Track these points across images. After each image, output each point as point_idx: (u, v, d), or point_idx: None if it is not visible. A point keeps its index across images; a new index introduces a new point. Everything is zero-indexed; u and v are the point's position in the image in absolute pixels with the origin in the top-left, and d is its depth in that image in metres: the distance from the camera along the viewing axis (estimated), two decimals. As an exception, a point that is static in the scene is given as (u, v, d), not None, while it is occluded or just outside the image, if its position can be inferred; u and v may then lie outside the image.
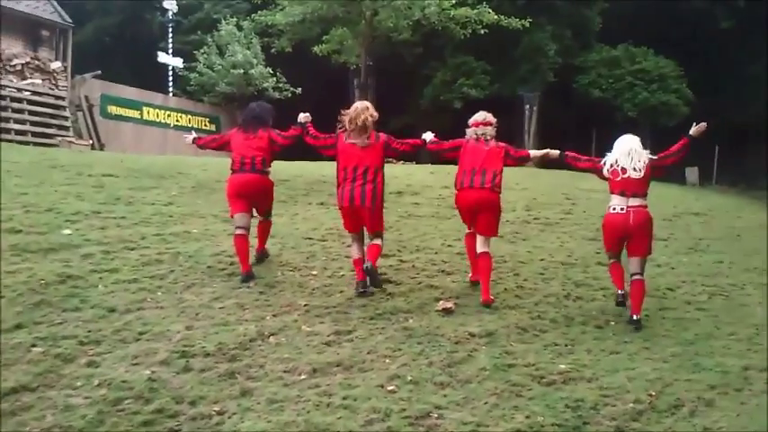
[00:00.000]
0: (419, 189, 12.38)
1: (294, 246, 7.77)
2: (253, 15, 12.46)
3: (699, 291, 7.71)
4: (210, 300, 6.03)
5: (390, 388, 4.75)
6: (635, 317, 6.28)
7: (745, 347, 6.03)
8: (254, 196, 6.94)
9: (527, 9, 11.85)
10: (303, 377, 4.84)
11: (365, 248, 6.59)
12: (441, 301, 6.30)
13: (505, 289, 6.92)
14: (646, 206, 6.50)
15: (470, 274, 6.99)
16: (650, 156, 6.56)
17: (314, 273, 6.93)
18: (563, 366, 5.28)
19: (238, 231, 6.75)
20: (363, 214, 6.48)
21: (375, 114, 6.56)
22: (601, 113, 26.40)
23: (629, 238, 6.46)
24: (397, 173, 15.28)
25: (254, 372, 4.89)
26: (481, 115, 6.89)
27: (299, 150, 7.68)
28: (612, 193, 6.51)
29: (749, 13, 29.42)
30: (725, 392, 5.11)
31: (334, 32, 12.04)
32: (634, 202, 6.41)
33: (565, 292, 7.05)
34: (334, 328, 5.61)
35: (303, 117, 6.96)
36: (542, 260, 8.14)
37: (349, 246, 7.82)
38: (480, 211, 6.59)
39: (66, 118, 17.82)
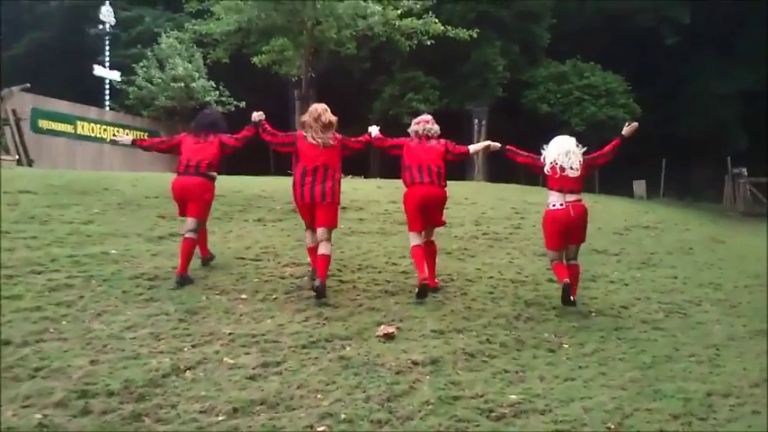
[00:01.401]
0: (364, 204, 11.84)
1: (224, 266, 7.13)
2: (186, 24, 11.74)
3: (654, 308, 7.33)
4: (122, 329, 5.36)
5: (321, 429, 4.17)
6: (573, 298, 6.69)
7: (707, 370, 5.63)
8: (195, 199, 6.86)
9: (475, 23, 11.52)
10: (221, 418, 4.22)
11: (315, 257, 6.66)
12: (382, 326, 5.76)
13: (452, 311, 6.40)
14: (581, 200, 6.95)
15: (419, 276, 6.66)
16: (584, 155, 6.98)
17: (243, 296, 6.30)
18: (514, 397, 4.77)
19: (187, 235, 6.80)
20: (321, 210, 6.62)
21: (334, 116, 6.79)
22: (549, 128, 26.20)
23: (570, 230, 6.87)
24: (342, 187, 14.76)
25: (165, 413, 4.25)
26: (425, 115, 7.36)
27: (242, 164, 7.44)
28: (552, 189, 6.91)
29: (693, 30, 29.90)
30: (688, 422, 4.65)
31: (274, 42, 11.45)
32: (571, 197, 6.84)
33: (515, 312, 6.57)
34: (261, 360, 5.00)
35: (257, 116, 7.04)
36: (491, 278, 7.66)
37: (285, 265, 7.35)
38: (430, 207, 6.88)
39: (-7, 133, 16.83)
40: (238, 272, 6.99)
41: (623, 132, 7.05)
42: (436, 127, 7.12)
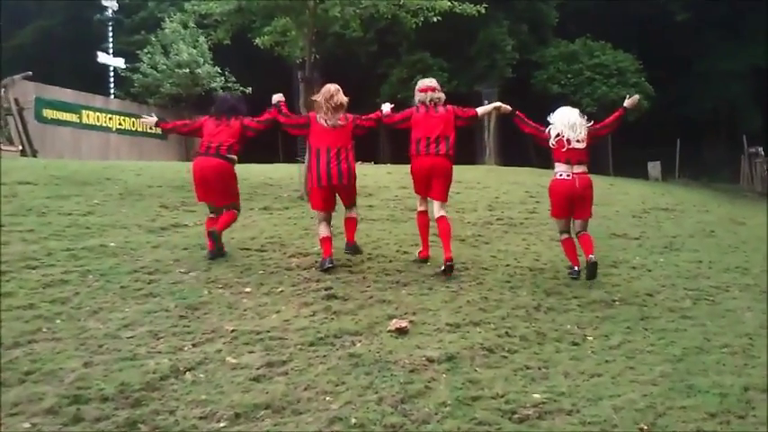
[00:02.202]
0: (374, 190, 11.51)
1: (227, 258, 6.80)
2: (186, 5, 11.37)
3: (681, 295, 6.95)
4: (119, 328, 5.05)
5: (330, 435, 3.86)
6: (592, 257, 6.84)
7: (742, 362, 5.27)
8: (214, 182, 6.88)
9: (482, 1, 11.10)
10: (222, 425, 3.90)
11: (344, 227, 7.11)
12: (394, 320, 5.41)
13: (468, 301, 6.04)
14: (587, 172, 7.01)
15: (420, 251, 7.16)
16: (588, 126, 7.07)
17: (247, 290, 5.97)
18: (537, 396, 4.43)
19: (210, 215, 7.05)
20: (340, 191, 6.84)
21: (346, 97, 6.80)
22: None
23: (575, 201, 6.94)
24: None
25: (162, 420, 3.94)
26: (429, 81, 7.21)
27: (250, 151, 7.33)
28: (559, 161, 6.97)
29: (704, 6, 29.24)
30: (726, 421, 4.31)
31: (276, 23, 11.05)
32: (578, 169, 6.92)
33: (535, 302, 6.21)
34: (266, 359, 4.67)
35: (277, 97, 7.06)
36: (508, 266, 7.30)
37: (291, 255, 7.05)
38: (434, 178, 6.83)
39: (-5, 123, 16.52)
40: (242, 263, 6.66)
41: (625, 104, 7.27)
42: (442, 95, 7.04)
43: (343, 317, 5.48)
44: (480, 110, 7.40)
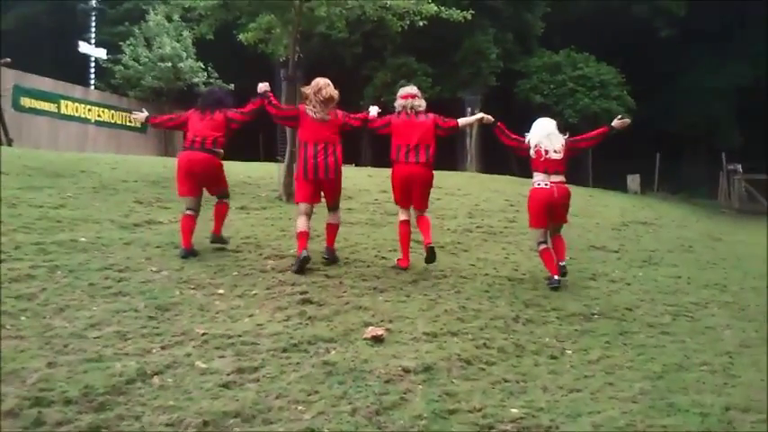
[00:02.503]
0: (353, 193, 11.38)
1: (200, 258, 6.63)
2: (170, -1, 11.22)
3: (660, 311, 6.90)
4: (85, 327, 4.86)
5: (301, 446, 3.72)
6: (563, 262, 7.08)
7: (722, 381, 5.19)
8: (201, 176, 6.86)
9: (469, 8, 11.04)
10: (189, 432, 3.75)
11: (325, 232, 7.04)
12: (370, 327, 5.28)
13: (446, 311, 5.93)
14: (565, 181, 7.18)
15: (400, 259, 7.13)
16: (566, 138, 7.28)
17: (220, 291, 5.81)
18: (515, 411, 4.32)
19: (186, 212, 6.84)
20: (326, 186, 6.77)
21: (336, 91, 6.79)
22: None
23: (553, 210, 7.11)
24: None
25: (127, 425, 3.77)
26: (410, 88, 7.26)
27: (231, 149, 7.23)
28: (537, 170, 7.12)
29: (688, 23, 29.51)
30: (707, 441, 4.24)
31: (261, 19, 10.89)
32: (555, 178, 7.08)
33: (513, 313, 6.12)
34: (237, 365, 4.51)
35: (263, 87, 6.95)
36: (487, 275, 7.22)
37: (267, 257, 6.90)
38: (414, 187, 6.93)
39: (-30, 111, 16.10)
40: (216, 264, 6.49)
41: (614, 123, 7.28)
42: (423, 102, 7.09)
43: (317, 323, 5.34)
44: (461, 121, 7.43)
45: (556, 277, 7.03)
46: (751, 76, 29.16)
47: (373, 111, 7.24)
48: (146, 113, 7.55)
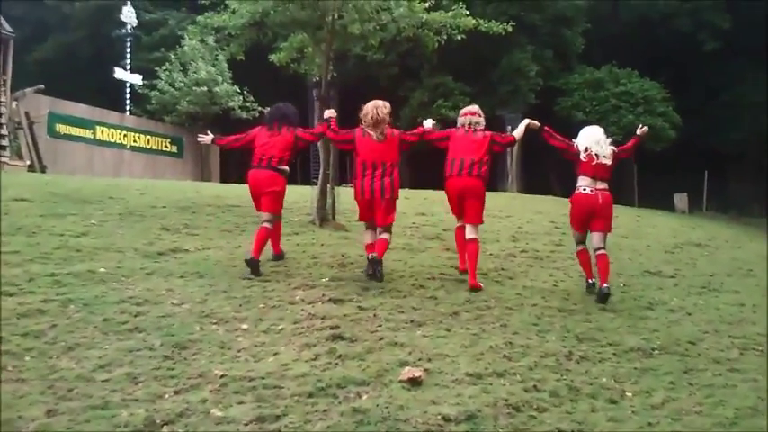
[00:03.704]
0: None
1: (226, 288, 6.18)
2: (198, 18, 10.91)
3: (726, 344, 6.26)
4: (94, 368, 4.43)
5: None
6: (605, 286, 6.85)
7: (805, 428, 4.56)
8: (265, 193, 7.04)
9: (508, 22, 10.57)
10: (198, 497, 3.28)
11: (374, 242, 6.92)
12: (406, 368, 4.75)
13: (491, 347, 5.37)
14: (609, 190, 7.18)
15: (459, 264, 7.32)
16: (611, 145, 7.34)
17: (243, 326, 5.35)
18: (572, 467, 3.76)
19: (263, 224, 7.01)
20: (378, 206, 6.80)
21: (388, 106, 6.95)
22: (585, 137, 25.21)
23: (595, 216, 7.10)
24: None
25: (129, 487, 3.32)
26: (471, 106, 7.48)
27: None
28: (585, 175, 7.13)
29: (733, 36, 28.59)
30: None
31: (293, 39, 10.54)
32: (601, 185, 7.13)
33: (566, 349, 5.54)
34: (257, 412, 4.02)
35: (328, 113, 7.31)
36: (535, 305, 6.62)
37: (296, 287, 6.43)
38: (466, 199, 6.98)
39: (2, 136, 16.06)
40: (242, 295, 6.03)
41: (637, 133, 7.55)
42: (482, 119, 7.23)
43: (348, 362, 4.83)
44: (517, 134, 7.47)
45: (591, 280, 7.23)
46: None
47: (428, 123, 7.37)
48: (211, 136, 7.61)
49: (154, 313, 5.43)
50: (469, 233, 6.98)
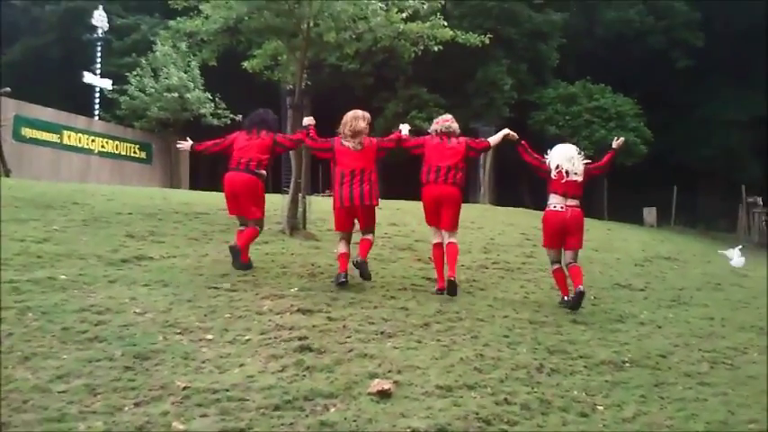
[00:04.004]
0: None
1: (191, 297, 6.02)
2: (171, 23, 10.74)
3: (697, 357, 6.24)
4: (51, 379, 4.26)
5: None
6: (580, 287, 6.93)
7: (775, 444, 4.54)
8: (242, 196, 7.11)
9: (485, 34, 10.56)
10: None
11: (358, 244, 7.04)
12: (376, 380, 4.64)
13: (461, 359, 5.28)
14: (579, 206, 7.25)
15: (438, 283, 7.18)
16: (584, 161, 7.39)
17: (208, 337, 5.20)
18: (543, 483, 3.68)
19: (240, 227, 7.30)
20: (360, 212, 6.94)
21: (368, 116, 7.11)
22: (558, 151, 25.36)
23: (567, 233, 7.16)
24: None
25: (83, 504, 3.17)
26: (445, 115, 7.64)
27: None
28: (555, 193, 7.21)
29: (706, 54, 29.06)
30: None
31: (267, 46, 10.42)
32: (572, 202, 7.19)
33: (537, 362, 5.46)
34: (221, 425, 3.88)
35: (308, 120, 7.36)
36: (506, 317, 6.56)
37: (264, 297, 6.30)
38: (442, 206, 7.03)
39: (-34, 140, 15.68)
40: (208, 305, 5.87)
41: (613, 145, 7.61)
42: (456, 126, 7.32)
43: (316, 374, 4.71)
44: (492, 140, 7.55)
45: (566, 297, 7.20)
46: (769, 106, 28.59)
47: (404, 129, 7.46)
48: (190, 142, 7.63)
49: (115, 322, 5.26)
50: (448, 238, 7.06)
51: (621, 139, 7.78)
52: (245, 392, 4.32)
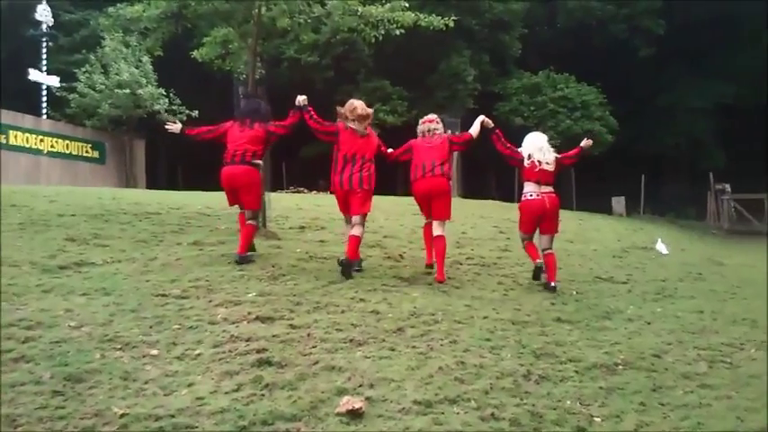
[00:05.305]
0: (327, 222, 10.22)
1: (135, 307, 5.35)
2: (110, 9, 10.02)
3: (693, 356, 5.76)
4: (-37, 411, 3.60)
5: None
6: (552, 284, 7.26)
7: (794, 453, 4.06)
8: (239, 189, 7.14)
9: (443, 30, 10.04)
10: None
11: (345, 238, 7.20)
12: (345, 398, 4.05)
13: (441, 368, 4.71)
14: (554, 192, 7.51)
15: (426, 259, 7.73)
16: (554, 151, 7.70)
17: (153, 352, 4.55)
18: None
19: (249, 222, 7.29)
20: (354, 197, 6.99)
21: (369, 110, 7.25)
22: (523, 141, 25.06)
23: (543, 219, 7.40)
24: (304, 203, 13.09)
25: None
26: (430, 115, 7.89)
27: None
28: (529, 181, 7.45)
29: (667, 42, 29.00)
30: None
31: (216, 33, 9.74)
32: (546, 189, 7.44)
33: (523, 368, 4.92)
34: (162, 462, 3.28)
35: (301, 100, 7.19)
36: (486, 318, 6.01)
37: (218, 305, 5.67)
38: (433, 198, 7.30)
39: None
40: (153, 315, 5.22)
41: (582, 145, 7.77)
42: (440, 126, 7.61)
43: (277, 393, 4.09)
44: (473, 131, 7.57)
45: (538, 261, 7.43)
46: (733, 94, 28.61)
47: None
48: (179, 125, 7.60)
49: (46, 338, 4.58)
50: (437, 230, 7.24)
51: (590, 141, 7.89)
52: (193, 418, 3.69)
